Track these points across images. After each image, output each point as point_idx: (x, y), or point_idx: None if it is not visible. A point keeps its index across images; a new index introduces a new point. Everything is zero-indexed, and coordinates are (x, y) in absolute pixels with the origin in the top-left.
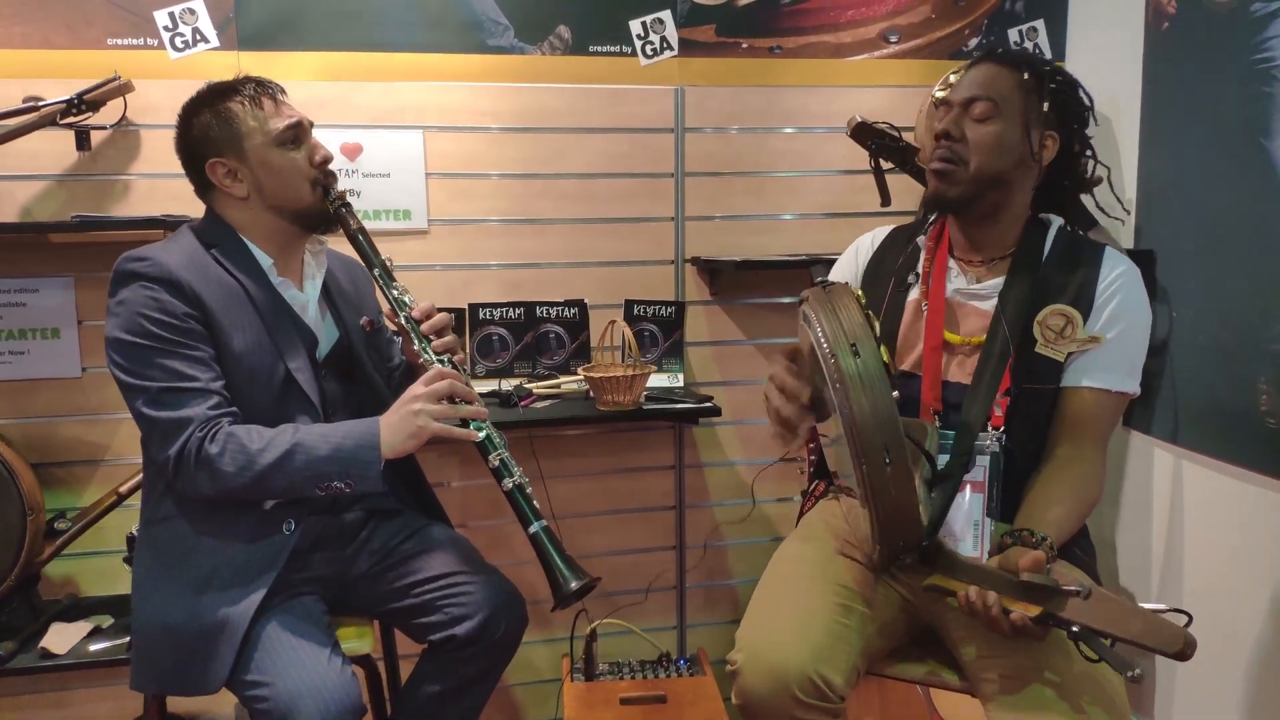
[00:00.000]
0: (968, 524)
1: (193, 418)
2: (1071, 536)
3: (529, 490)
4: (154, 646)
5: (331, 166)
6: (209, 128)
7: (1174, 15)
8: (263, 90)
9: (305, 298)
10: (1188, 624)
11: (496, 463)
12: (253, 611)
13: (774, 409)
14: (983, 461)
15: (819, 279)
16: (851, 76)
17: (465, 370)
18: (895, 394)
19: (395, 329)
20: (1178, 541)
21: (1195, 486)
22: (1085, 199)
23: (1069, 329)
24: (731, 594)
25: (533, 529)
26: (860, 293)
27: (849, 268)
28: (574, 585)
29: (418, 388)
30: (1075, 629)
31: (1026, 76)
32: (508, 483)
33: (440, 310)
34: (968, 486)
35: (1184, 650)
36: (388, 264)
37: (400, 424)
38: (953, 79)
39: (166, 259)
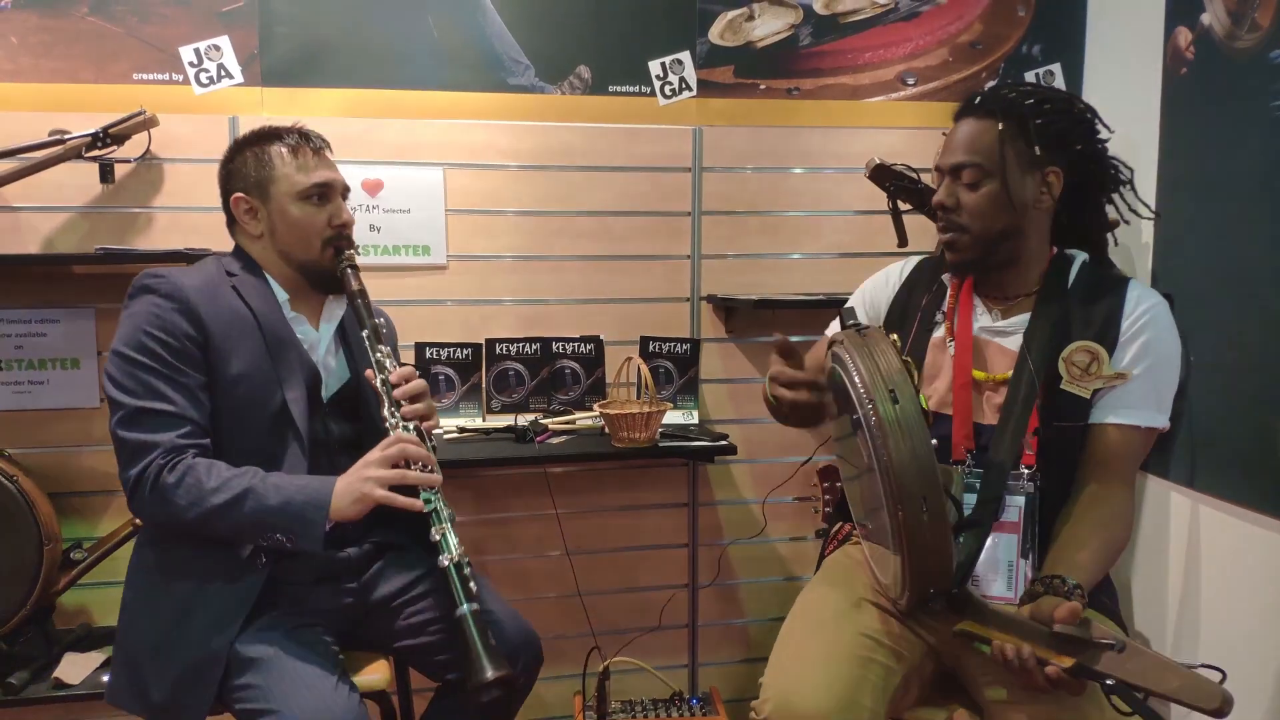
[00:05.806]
0: (1000, 566)
1: (159, 443)
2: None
3: (467, 570)
4: (139, 669)
5: (351, 202)
6: (245, 163)
7: (1191, 61)
8: (305, 141)
9: (317, 336)
10: (1222, 680)
11: (438, 536)
12: (231, 640)
13: (789, 401)
14: (1015, 502)
15: (851, 321)
16: (869, 118)
17: (430, 440)
18: (934, 442)
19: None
20: (1194, 587)
21: (1213, 531)
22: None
23: (1094, 365)
24: (744, 633)
25: (460, 610)
26: (895, 338)
27: (880, 290)
28: (489, 675)
29: (373, 453)
30: (1110, 682)
31: (1002, 127)
32: (444, 559)
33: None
34: (997, 530)
35: (1222, 707)
36: (378, 327)
37: (349, 489)
38: None
39: (182, 279)
